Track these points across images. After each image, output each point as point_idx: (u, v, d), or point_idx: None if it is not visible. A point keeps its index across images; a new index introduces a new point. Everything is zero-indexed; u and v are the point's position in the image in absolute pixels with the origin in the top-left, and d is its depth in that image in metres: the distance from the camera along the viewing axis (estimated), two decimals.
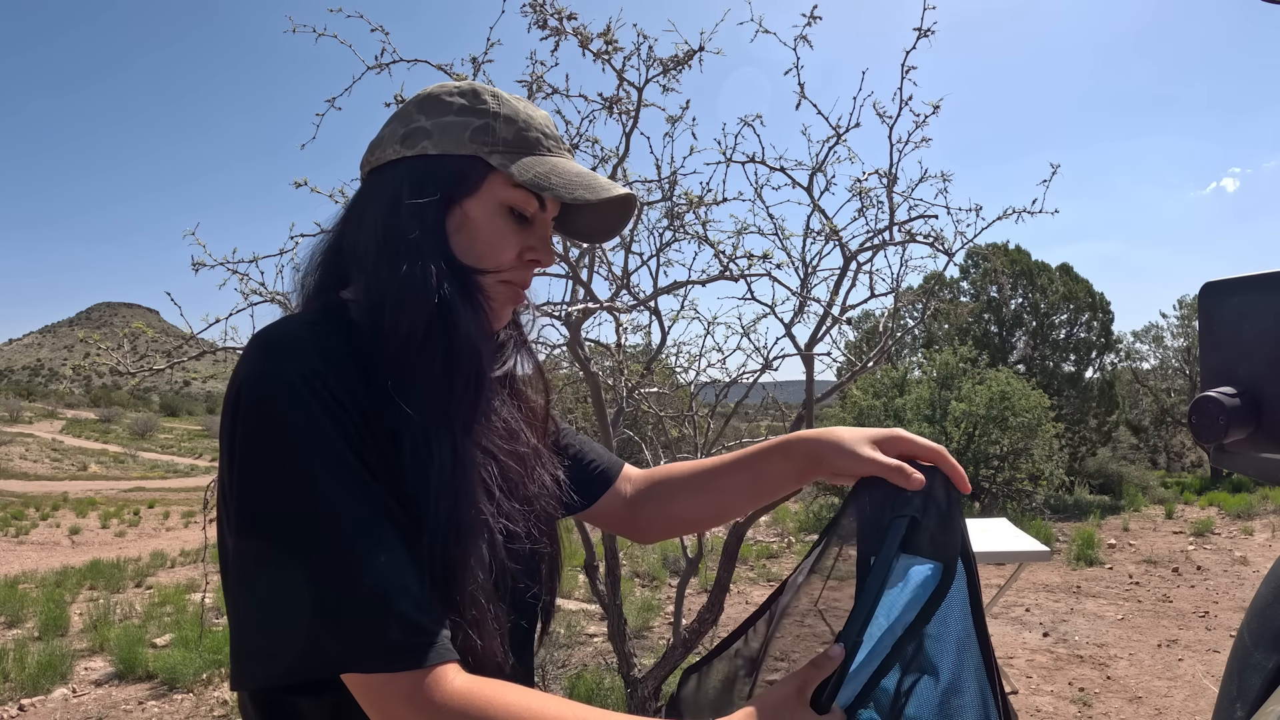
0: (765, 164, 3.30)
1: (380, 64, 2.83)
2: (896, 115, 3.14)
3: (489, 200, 0.82)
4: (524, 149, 0.83)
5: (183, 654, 4.87)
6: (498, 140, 0.82)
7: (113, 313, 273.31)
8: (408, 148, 0.82)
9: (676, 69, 2.96)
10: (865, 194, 3.36)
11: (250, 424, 0.68)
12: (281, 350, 0.71)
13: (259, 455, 0.67)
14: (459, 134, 0.81)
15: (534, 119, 0.85)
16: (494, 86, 0.87)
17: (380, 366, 0.75)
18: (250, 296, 3.12)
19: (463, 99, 0.83)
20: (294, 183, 2.95)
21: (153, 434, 46.61)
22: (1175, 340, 20.12)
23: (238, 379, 0.70)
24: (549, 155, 0.84)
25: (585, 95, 3.04)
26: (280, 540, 0.66)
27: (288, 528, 0.66)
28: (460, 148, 0.81)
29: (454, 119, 0.82)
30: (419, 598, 0.67)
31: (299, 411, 0.68)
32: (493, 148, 0.81)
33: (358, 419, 0.71)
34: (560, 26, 2.83)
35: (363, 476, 0.69)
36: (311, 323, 0.75)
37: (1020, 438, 11.29)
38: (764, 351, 3.73)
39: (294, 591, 0.65)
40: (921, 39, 2.96)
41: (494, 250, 0.82)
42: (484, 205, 0.81)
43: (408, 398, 0.74)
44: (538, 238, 0.85)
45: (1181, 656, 4.93)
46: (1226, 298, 0.83)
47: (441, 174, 0.80)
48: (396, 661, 0.65)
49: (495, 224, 0.82)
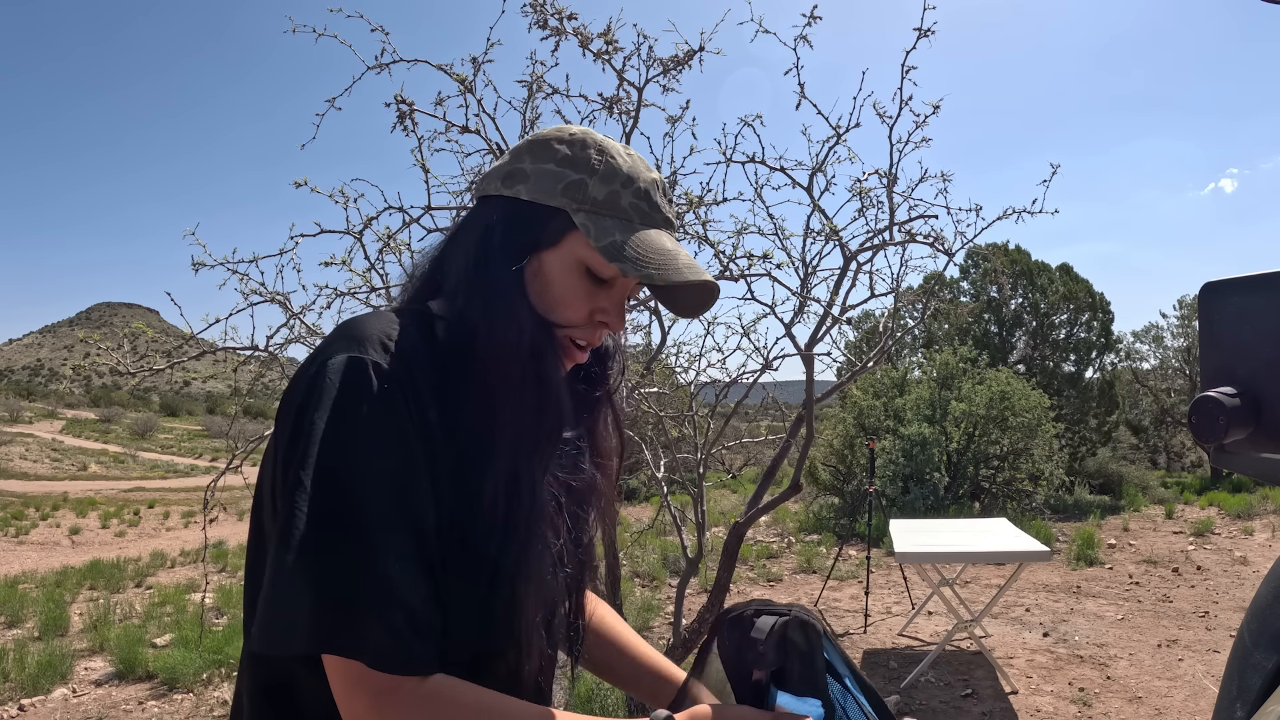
0: (765, 164, 3.30)
1: (380, 64, 2.83)
2: (896, 115, 3.14)
3: (568, 256, 0.82)
4: (612, 214, 0.82)
5: (183, 654, 4.87)
6: (587, 199, 0.82)
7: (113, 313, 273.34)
8: (506, 187, 0.84)
9: (676, 69, 2.96)
10: (865, 194, 3.36)
11: (323, 406, 0.70)
12: (368, 343, 0.74)
13: (323, 438, 0.70)
14: (553, 185, 0.82)
15: (636, 181, 0.83)
16: (608, 138, 0.86)
17: (457, 383, 0.78)
18: (250, 296, 3.12)
19: (568, 149, 0.83)
20: (294, 183, 2.95)
21: (153, 434, 46.60)
22: (1175, 340, 20.12)
23: (319, 360, 0.73)
24: (637, 224, 0.83)
25: (585, 95, 3.05)
26: (326, 515, 0.68)
27: (326, 512, 0.68)
28: (550, 199, 0.82)
29: (553, 168, 0.82)
30: (415, 612, 0.70)
31: (371, 406, 0.71)
32: (580, 205, 0.81)
33: (422, 425, 0.73)
34: (560, 26, 2.83)
35: (409, 485, 0.72)
36: (400, 325, 0.78)
37: (1020, 438, 11.29)
38: (764, 351, 3.73)
39: (318, 567, 0.68)
40: (921, 39, 2.96)
41: (562, 306, 0.82)
42: (562, 260, 0.82)
43: (488, 427, 0.77)
44: (612, 301, 0.85)
45: (1181, 656, 4.93)
46: (1226, 298, 0.83)
47: (527, 221, 0.82)
48: (376, 660, 0.68)
49: (569, 280, 0.82)
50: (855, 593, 6.78)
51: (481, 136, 3.05)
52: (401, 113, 2.91)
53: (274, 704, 0.78)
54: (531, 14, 2.81)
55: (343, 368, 0.72)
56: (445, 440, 0.75)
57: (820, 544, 9.23)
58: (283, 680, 0.77)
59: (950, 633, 4.56)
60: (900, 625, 5.75)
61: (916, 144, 3.22)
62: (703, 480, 3.95)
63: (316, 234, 3.14)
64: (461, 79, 2.91)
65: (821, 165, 3.30)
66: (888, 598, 6.69)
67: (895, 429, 11.31)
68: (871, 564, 6.87)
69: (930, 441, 10.81)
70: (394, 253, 3.24)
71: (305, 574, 0.68)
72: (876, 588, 6.94)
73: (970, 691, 4.29)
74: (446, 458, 0.75)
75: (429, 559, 0.72)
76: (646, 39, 2.91)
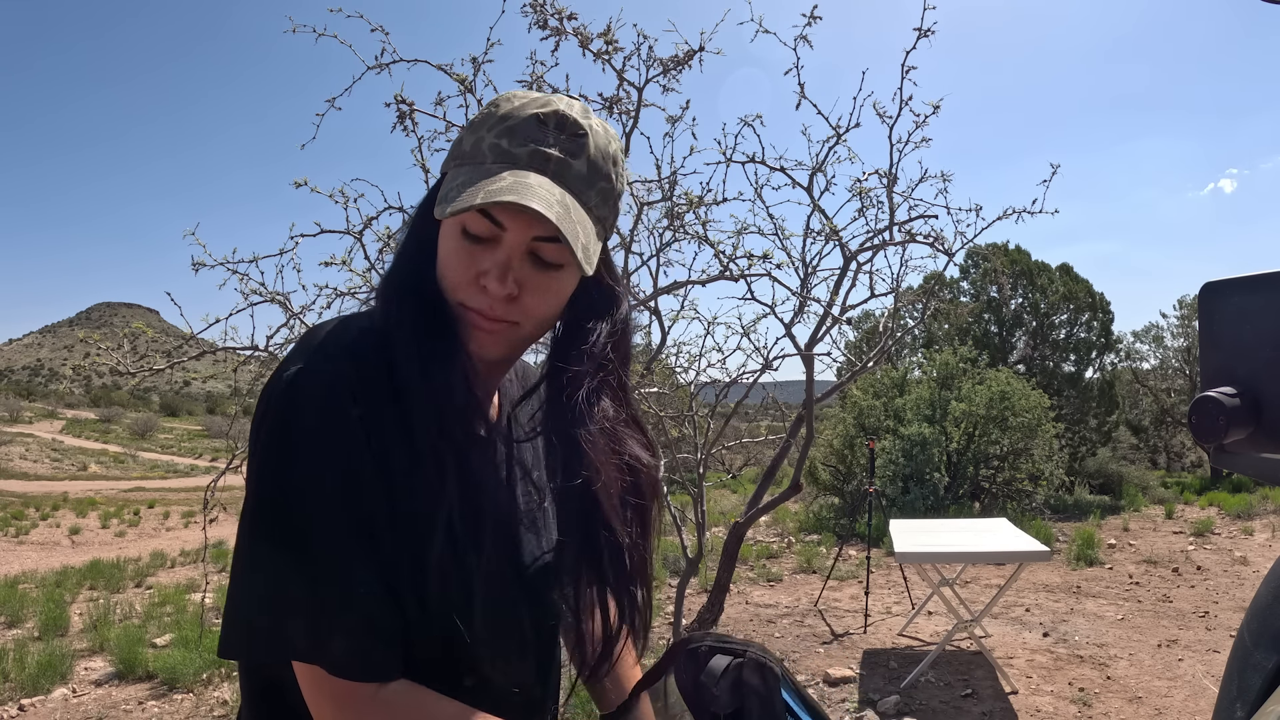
0: (765, 164, 3.30)
1: (380, 64, 2.83)
2: (896, 115, 3.14)
3: (451, 220, 0.75)
4: (471, 160, 0.75)
5: (183, 654, 4.87)
6: (460, 154, 0.77)
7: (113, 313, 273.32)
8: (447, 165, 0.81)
9: (676, 69, 2.97)
10: (865, 194, 3.37)
11: (270, 423, 0.70)
12: (317, 352, 0.72)
13: (272, 454, 0.70)
14: (455, 148, 0.79)
15: (509, 120, 0.75)
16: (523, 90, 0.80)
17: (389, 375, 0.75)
18: (250, 296, 3.12)
19: (487, 108, 0.78)
20: (294, 183, 2.95)
21: (153, 434, 46.61)
22: (1175, 340, 20.12)
23: (276, 375, 0.72)
24: (489, 164, 0.74)
25: (585, 95, 3.04)
26: (277, 530, 0.68)
27: (286, 520, 0.68)
28: (446, 166, 0.79)
29: (464, 133, 0.79)
30: (374, 619, 0.70)
31: (316, 419, 0.69)
32: (452, 162, 0.77)
33: (376, 424, 0.72)
34: (560, 26, 2.83)
35: (366, 493, 0.70)
36: (362, 328, 0.76)
37: (1020, 438, 11.29)
38: (764, 351, 3.73)
39: (274, 579, 0.68)
40: (921, 39, 2.96)
41: (446, 271, 0.76)
42: (448, 225, 0.75)
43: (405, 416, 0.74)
44: (494, 260, 0.74)
45: (1181, 656, 4.93)
46: (1226, 298, 0.83)
47: (429, 195, 0.80)
48: (338, 668, 0.68)
49: (449, 244, 0.75)
50: (855, 593, 6.78)
51: None
52: (401, 113, 2.91)
53: (268, 703, 0.78)
54: (531, 14, 2.81)
55: (289, 382, 0.70)
56: (399, 434, 0.73)
57: (820, 544, 9.23)
58: (273, 682, 0.77)
59: (950, 633, 4.56)
60: (900, 625, 5.75)
61: (916, 144, 3.23)
62: (703, 480, 3.95)
63: (316, 234, 3.14)
64: (461, 79, 2.91)
65: (821, 165, 3.30)
66: (888, 598, 6.69)
67: (895, 429, 11.31)
68: (871, 564, 6.87)
69: (930, 441, 10.81)
70: (394, 252, 3.24)
71: (263, 584, 0.68)
72: (876, 588, 6.94)
73: (970, 691, 4.29)
74: (400, 453, 0.73)
75: (386, 562, 0.71)
76: (646, 39, 2.92)
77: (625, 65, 2.97)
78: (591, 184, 0.77)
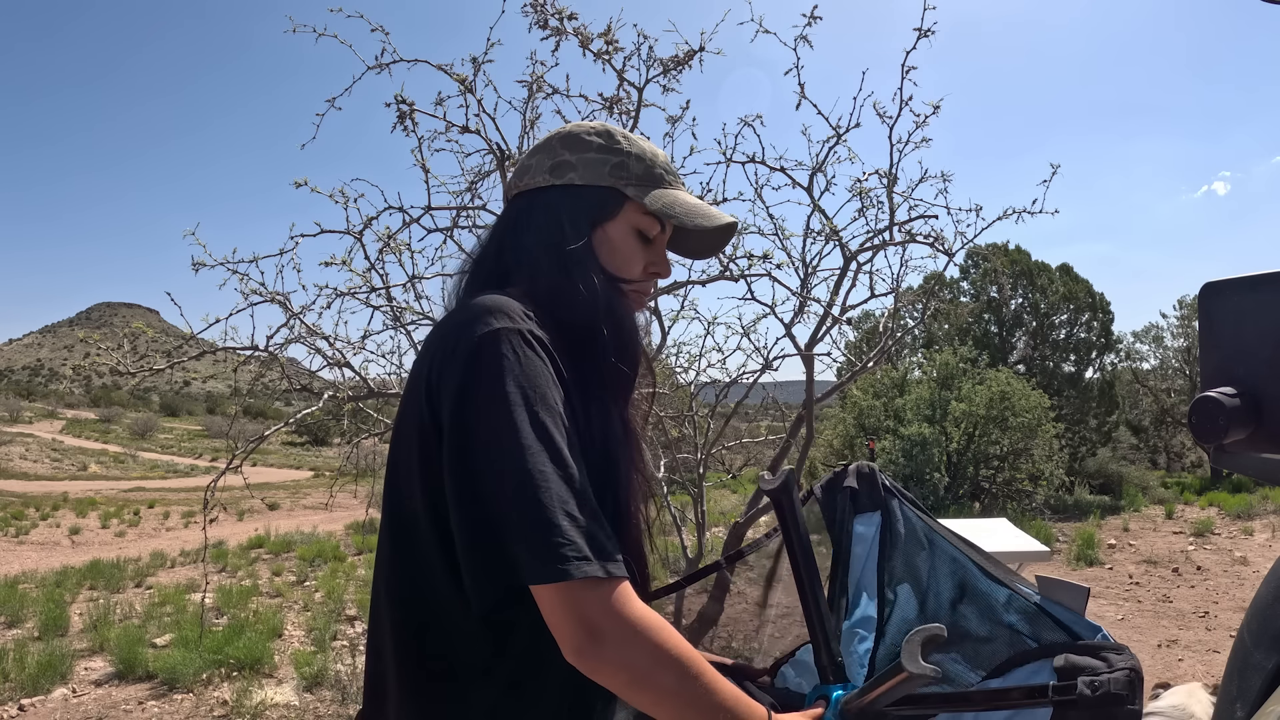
0: (765, 164, 3.30)
1: (380, 64, 2.83)
2: (897, 115, 3.14)
3: (623, 224, 1.00)
4: (652, 183, 1.02)
5: (183, 654, 4.87)
6: (631, 175, 1.01)
7: (113, 313, 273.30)
8: (556, 177, 1.00)
9: (677, 69, 2.97)
10: (865, 194, 3.36)
11: (495, 366, 0.81)
12: (512, 313, 0.86)
13: (505, 396, 0.79)
14: (600, 169, 0.99)
15: (658, 157, 1.04)
16: (621, 128, 1.05)
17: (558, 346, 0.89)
18: (250, 296, 3.12)
19: (600, 139, 1.01)
20: (294, 183, 2.95)
21: (153, 434, 46.56)
22: (1175, 340, 20.12)
23: (469, 331, 0.83)
24: (670, 189, 1.03)
25: (585, 95, 3.05)
26: (509, 465, 0.77)
27: (517, 454, 0.77)
28: (601, 180, 1.00)
29: (595, 156, 1.00)
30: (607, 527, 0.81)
31: (533, 362, 0.83)
32: (627, 181, 1.00)
33: (560, 379, 0.86)
34: (561, 27, 2.83)
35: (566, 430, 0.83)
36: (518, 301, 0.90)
37: (1020, 438, 11.29)
38: (764, 351, 3.73)
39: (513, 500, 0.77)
40: (921, 39, 2.96)
41: (628, 264, 1.00)
42: (619, 228, 1.00)
43: (583, 375, 0.90)
44: (658, 254, 1.05)
45: (1181, 656, 4.93)
46: (1226, 298, 0.83)
47: (589, 201, 0.99)
48: (600, 569, 0.76)
49: (629, 243, 1.01)
50: None
51: (481, 136, 3.05)
52: (402, 113, 2.91)
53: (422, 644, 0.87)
54: (532, 14, 2.81)
55: (504, 337, 0.82)
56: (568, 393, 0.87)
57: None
58: (425, 621, 0.87)
59: None
60: None
61: (916, 144, 3.23)
62: (703, 480, 3.95)
63: (316, 234, 3.14)
64: (461, 79, 2.90)
65: (821, 165, 3.30)
66: None
67: (895, 429, 11.30)
68: None
69: (930, 441, 10.81)
70: (394, 253, 3.24)
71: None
72: None
73: None
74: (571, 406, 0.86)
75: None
76: (646, 39, 2.92)
77: (625, 65, 2.97)
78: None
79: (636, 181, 1.01)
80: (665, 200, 1.01)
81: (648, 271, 1.04)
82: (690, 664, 0.79)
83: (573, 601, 0.75)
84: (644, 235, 1.02)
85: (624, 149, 1.01)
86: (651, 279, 1.05)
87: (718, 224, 1.02)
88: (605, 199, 0.99)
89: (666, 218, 1.00)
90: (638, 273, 1.02)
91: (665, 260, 1.06)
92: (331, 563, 9.33)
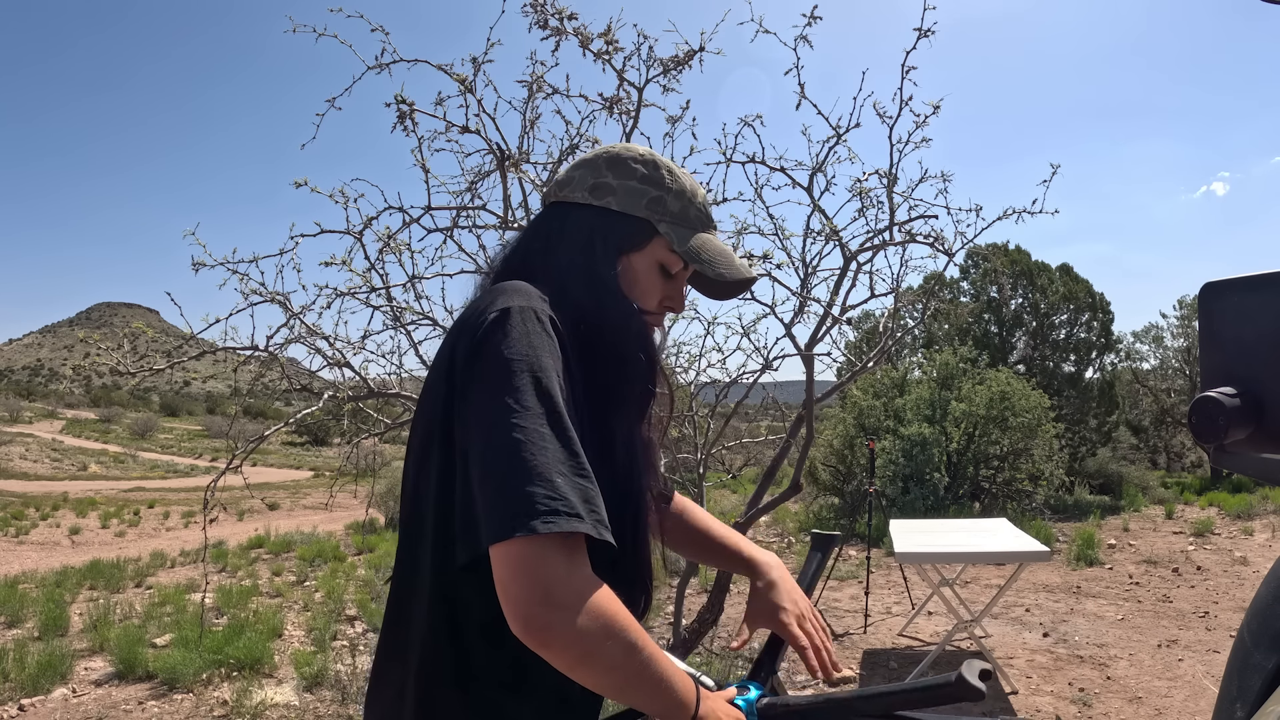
0: (765, 164, 3.30)
1: (380, 64, 2.83)
2: (897, 115, 3.14)
3: (649, 257, 1.03)
4: (685, 224, 1.05)
5: (183, 654, 4.86)
6: (666, 212, 1.03)
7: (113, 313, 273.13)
8: (595, 198, 1.02)
9: (677, 69, 2.97)
10: (865, 194, 3.36)
11: (505, 333, 0.83)
12: (530, 295, 0.90)
13: (519, 366, 0.82)
14: (638, 199, 1.02)
15: (696, 198, 1.06)
16: (665, 158, 1.08)
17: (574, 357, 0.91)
18: (250, 296, 3.12)
19: (644, 168, 1.04)
20: (294, 183, 2.95)
21: (153, 434, 46.53)
22: (1175, 340, 20.10)
23: (488, 306, 0.87)
24: (701, 232, 1.06)
25: (585, 95, 3.05)
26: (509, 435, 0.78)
27: (523, 422, 0.79)
28: (636, 210, 1.02)
29: (636, 185, 1.03)
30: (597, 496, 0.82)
31: (541, 336, 0.85)
32: (661, 217, 1.03)
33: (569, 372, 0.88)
34: (561, 27, 2.83)
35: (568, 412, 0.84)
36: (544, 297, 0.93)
37: (1020, 438, 11.28)
38: (764, 351, 3.73)
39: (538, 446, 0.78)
40: (921, 39, 2.96)
41: (646, 296, 1.04)
42: (645, 260, 1.03)
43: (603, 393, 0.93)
44: (675, 290, 1.07)
45: (1181, 656, 4.93)
46: (1226, 298, 0.83)
47: (621, 230, 1.02)
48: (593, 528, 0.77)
49: (650, 276, 1.04)
50: (855, 593, 6.78)
51: (481, 136, 3.05)
52: (402, 113, 2.91)
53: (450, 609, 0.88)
54: (531, 14, 2.81)
55: (521, 312, 0.85)
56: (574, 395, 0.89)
57: None
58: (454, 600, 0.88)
59: (950, 633, 4.56)
60: (900, 625, 5.75)
61: (917, 144, 3.23)
62: (703, 480, 3.95)
63: (316, 234, 3.14)
64: (461, 79, 2.90)
65: (821, 165, 3.30)
66: (888, 598, 6.69)
67: (895, 429, 11.30)
68: (871, 564, 6.87)
69: (930, 441, 10.80)
70: (394, 253, 3.24)
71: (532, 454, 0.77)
72: (876, 588, 6.94)
73: None
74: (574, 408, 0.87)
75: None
76: (646, 39, 2.92)
77: (625, 65, 2.97)
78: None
79: (670, 219, 1.03)
80: (694, 244, 1.04)
81: (663, 305, 1.07)
82: (635, 634, 0.79)
83: (536, 558, 0.74)
84: (666, 270, 1.04)
85: (665, 184, 1.04)
86: (664, 310, 1.07)
87: (738, 278, 1.05)
88: (637, 230, 1.02)
89: (692, 261, 1.03)
90: (654, 305, 1.05)
91: (681, 296, 1.08)
92: (331, 563, 9.33)
